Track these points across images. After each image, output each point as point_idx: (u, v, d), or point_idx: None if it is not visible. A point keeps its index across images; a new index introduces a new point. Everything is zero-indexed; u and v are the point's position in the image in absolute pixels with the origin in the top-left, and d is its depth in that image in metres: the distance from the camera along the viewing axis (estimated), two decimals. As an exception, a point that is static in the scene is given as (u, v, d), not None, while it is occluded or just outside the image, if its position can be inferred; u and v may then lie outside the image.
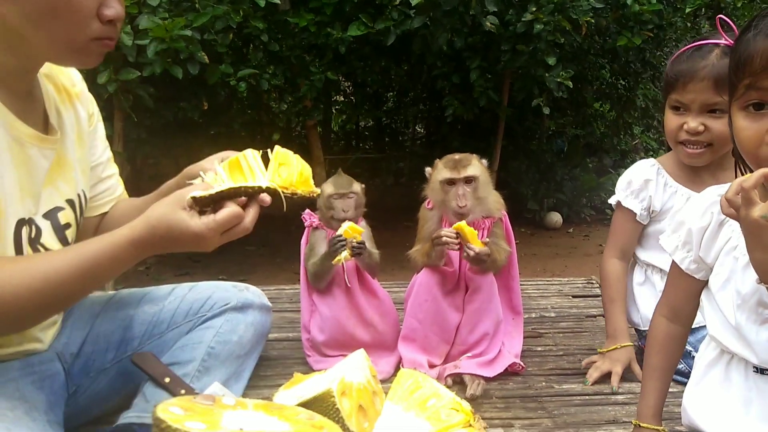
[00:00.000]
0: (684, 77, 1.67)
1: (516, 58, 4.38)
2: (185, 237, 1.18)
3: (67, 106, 1.41)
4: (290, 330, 2.11)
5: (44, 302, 1.16)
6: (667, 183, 1.83)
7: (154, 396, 1.40)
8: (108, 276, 1.23)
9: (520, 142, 6.42)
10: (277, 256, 5.08)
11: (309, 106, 4.76)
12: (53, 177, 1.32)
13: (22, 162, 1.23)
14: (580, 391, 1.73)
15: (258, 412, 1.16)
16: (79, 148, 1.42)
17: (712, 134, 1.68)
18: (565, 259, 5.28)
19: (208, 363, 1.51)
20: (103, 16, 1.18)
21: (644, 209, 1.83)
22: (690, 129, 1.69)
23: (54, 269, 1.14)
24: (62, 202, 1.34)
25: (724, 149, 1.72)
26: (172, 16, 3.49)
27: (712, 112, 1.67)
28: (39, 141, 1.27)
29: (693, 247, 1.26)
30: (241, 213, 1.21)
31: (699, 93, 1.66)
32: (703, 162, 1.76)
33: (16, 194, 1.22)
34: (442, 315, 1.79)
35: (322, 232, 1.85)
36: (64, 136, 1.36)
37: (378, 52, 5.02)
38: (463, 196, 1.71)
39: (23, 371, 1.31)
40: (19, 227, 1.22)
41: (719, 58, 1.64)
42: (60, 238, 1.33)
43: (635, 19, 4.70)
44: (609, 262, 1.87)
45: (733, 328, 1.18)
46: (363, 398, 1.35)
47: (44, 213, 1.30)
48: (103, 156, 1.56)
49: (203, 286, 1.66)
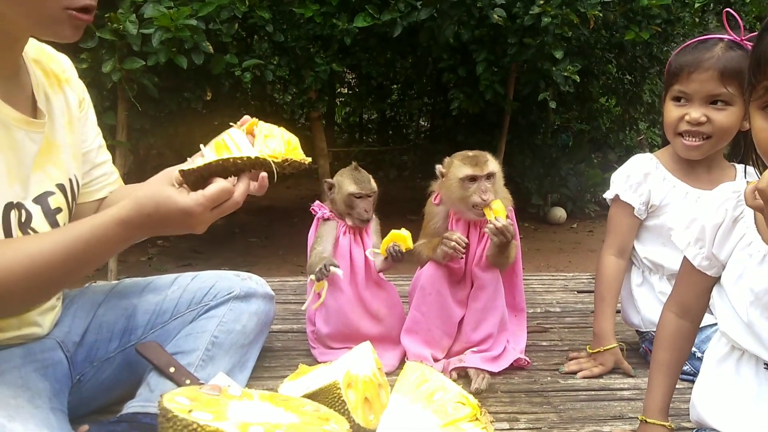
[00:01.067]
0: (689, 67, 1.68)
1: (523, 52, 4.35)
2: (173, 213, 1.16)
3: (56, 90, 1.40)
4: (294, 321, 2.11)
5: (31, 284, 1.15)
6: (666, 177, 1.82)
7: (159, 385, 1.40)
8: (97, 258, 1.22)
9: (525, 137, 6.40)
10: (279, 248, 5.08)
11: (313, 97, 4.74)
12: (42, 161, 1.31)
13: (8, 146, 1.22)
14: (586, 386, 1.72)
15: (264, 403, 1.16)
16: (69, 133, 1.41)
17: (713, 125, 1.68)
18: (569, 254, 5.28)
19: (212, 352, 1.50)
20: None
21: (642, 203, 1.82)
22: (692, 119, 1.69)
23: (39, 250, 1.14)
24: (52, 186, 1.33)
25: (722, 142, 1.74)
26: (177, 6, 3.47)
27: (714, 103, 1.68)
28: (26, 124, 1.26)
29: (706, 244, 1.25)
30: (231, 188, 1.18)
31: (703, 83, 1.66)
32: (700, 155, 1.75)
33: (3, 178, 1.21)
34: (446, 309, 1.79)
35: (332, 223, 1.84)
36: (52, 120, 1.35)
37: (383, 43, 4.99)
38: (485, 191, 1.70)
39: (25, 359, 1.30)
40: (8, 211, 1.21)
41: (724, 51, 1.66)
42: (51, 223, 1.32)
43: (643, 14, 4.68)
44: (606, 259, 1.85)
45: (746, 324, 1.17)
46: (369, 390, 1.34)
47: (34, 198, 1.29)
48: (95, 142, 1.55)
49: (206, 275, 1.65)
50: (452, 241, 1.70)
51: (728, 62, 1.64)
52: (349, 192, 1.78)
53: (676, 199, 1.79)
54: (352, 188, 1.79)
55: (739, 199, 1.21)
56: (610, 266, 1.83)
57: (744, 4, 5.63)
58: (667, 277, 1.81)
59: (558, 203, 6.27)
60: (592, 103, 6.59)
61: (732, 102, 1.67)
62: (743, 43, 1.67)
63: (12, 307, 1.23)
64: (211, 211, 1.18)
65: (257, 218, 5.54)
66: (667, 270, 1.81)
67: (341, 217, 1.83)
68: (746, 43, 1.66)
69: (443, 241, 1.73)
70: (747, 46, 1.66)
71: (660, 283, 1.82)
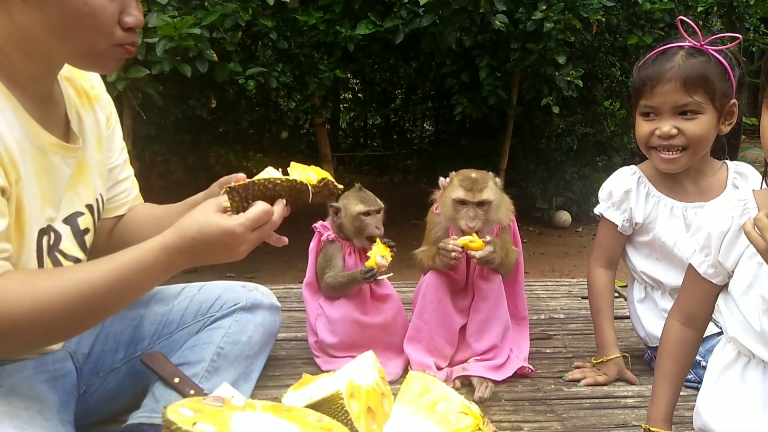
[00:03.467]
0: (651, 81, 1.65)
1: (526, 57, 4.35)
2: (216, 235, 1.17)
3: (87, 110, 1.41)
4: (298, 330, 2.11)
5: (77, 313, 1.14)
6: (650, 192, 1.79)
7: (164, 396, 1.41)
8: (141, 286, 1.21)
9: (529, 141, 6.39)
10: (285, 254, 5.07)
11: (317, 103, 4.75)
12: (74, 183, 1.33)
13: (44, 170, 1.23)
14: (590, 394, 1.72)
15: (267, 414, 1.16)
16: (98, 153, 1.43)
17: (685, 136, 1.65)
18: (574, 258, 5.26)
19: (217, 363, 1.51)
20: (123, 23, 1.20)
21: (626, 220, 1.80)
22: (663, 133, 1.65)
23: (86, 279, 1.14)
24: (82, 207, 1.35)
25: (700, 152, 1.69)
26: (181, 15, 3.49)
27: (684, 114, 1.64)
28: (62, 149, 1.27)
29: (712, 252, 1.25)
30: (271, 210, 1.23)
31: (668, 95, 1.63)
32: (679, 168, 1.71)
33: (38, 204, 1.22)
34: (447, 318, 1.79)
35: (337, 245, 1.85)
36: (84, 140, 1.37)
37: (386, 49, 5.00)
38: (473, 218, 1.70)
39: (37, 370, 1.31)
40: (41, 236, 1.23)
41: (685, 59, 1.63)
42: (79, 243, 1.34)
43: (646, 18, 4.66)
44: (595, 272, 1.85)
45: (757, 333, 1.17)
46: (372, 400, 1.35)
47: (64, 218, 1.30)
48: (120, 158, 1.56)
49: (212, 285, 1.66)
50: (449, 251, 1.70)
51: (690, 70, 1.61)
52: (357, 211, 1.79)
53: (662, 215, 1.76)
54: (359, 207, 1.79)
55: (745, 207, 1.20)
56: (600, 278, 1.84)
57: (748, 6, 5.61)
58: (669, 292, 1.80)
59: (563, 207, 6.25)
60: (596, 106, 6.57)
61: (701, 110, 1.63)
62: (704, 49, 1.64)
63: (58, 336, 1.24)
64: (252, 232, 1.20)
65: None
66: (667, 286, 1.79)
67: (347, 239, 1.83)
68: (707, 48, 1.64)
69: (440, 252, 1.73)
70: (708, 51, 1.63)
71: (662, 300, 1.81)
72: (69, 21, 1.14)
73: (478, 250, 1.68)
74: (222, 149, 5.04)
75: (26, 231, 1.19)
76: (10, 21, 1.15)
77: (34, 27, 1.15)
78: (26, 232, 1.19)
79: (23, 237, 1.19)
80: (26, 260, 1.20)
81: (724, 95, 1.63)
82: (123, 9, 1.20)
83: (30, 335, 1.12)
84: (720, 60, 1.63)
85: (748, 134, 6.34)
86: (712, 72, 1.62)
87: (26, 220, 1.19)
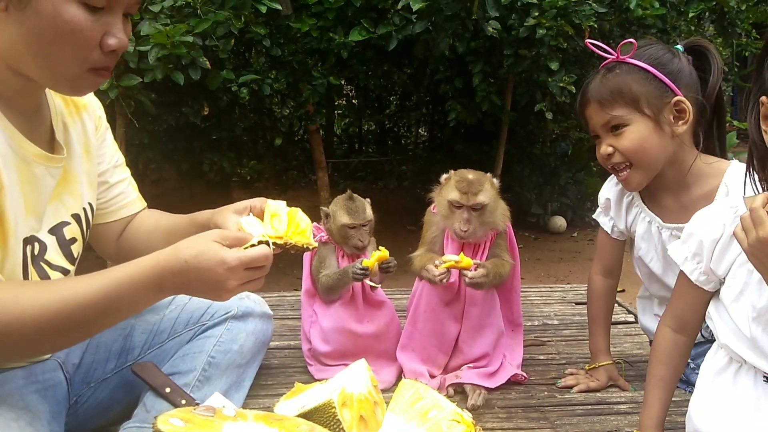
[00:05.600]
0: (581, 107, 1.66)
1: (519, 63, 4.36)
2: (211, 262, 1.12)
3: (74, 119, 1.39)
4: (291, 338, 2.10)
5: (63, 327, 1.11)
6: (634, 202, 1.74)
7: (155, 406, 1.40)
8: (130, 304, 1.17)
9: (524, 146, 6.41)
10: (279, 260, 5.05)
11: (311, 110, 4.76)
12: (59, 192, 1.31)
13: (27, 180, 1.22)
14: (583, 401, 1.72)
15: (258, 424, 1.16)
16: (86, 161, 1.41)
17: (621, 153, 1.59)
18: (569, 263, 5.27)
19: (209, 372, 1.51)
20: (105, 46, 1.14)
21: (614, 227, 1.80)
22: (601, 156, 1.63)
23: (74, 292, 1.11)
24: (68, 216, 1.33)
25: (649, 164, 1.60)
26: (173, 23, 3.49)
27: (615, 129, 1.60)
28: (46, 160, 1.25)
29: (704, 259, 1.25)
30: (270, 256, 1.19)
31: (592, 117, 1.63)
32: (636, 186, 1.65)
33: (21, 214, 1.20)
34: (440, 325, 1.78)
35: (330, 246, 1.85)
36: (70, 150, 1.34)
37: (380, 56, 5.02)
38: (467, 221, 1.68)
39: (27, 380, 1.30)
40: (25, 245, 1.21)
41: (602, 77, 1.61)
42: (65, 254, 1.32)
43: (638, 24, 4.68)
44: (593, 279, 1.85)
45: (749, 339, 1.17)
46: (364, 409, 1.34)
47: (50, 228, 1.29)
48: (112, 160, 1.54)
49: None
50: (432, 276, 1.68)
51: (601, 88, 1.59)
52: (342, 223, 1.78)
53: (642, 230, 1.72)
54: (345, 219, 1.78)
55: (737, 214, 1.21)
56: (597, 286, 1.84)
57: (740, 12, 5.65)
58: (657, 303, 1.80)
59: (558, 212, 6.26)
60: (590, 111, 6.59)
61: (626, 122, 1.57)
62: (623, 60, 1.60)
63: (43, 349, 1.22)
64: (245, 270, 1.16)
65: (257, 231, 5.55)
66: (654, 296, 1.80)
67: (338, 241, 1.84)
68: (623, 58, 1.60)
69: (426, 268, 1.71)
70: (624, 60, 1.60)
71: (658, 308, 1.80)
72: (47, 38, 1.09)
73: (467, 268, 1.67)
74: (216, 156, 5.04)
75: (10, 239, 1.18)
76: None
77: (15, 40, 1.11)
78: (10, 240, 1.18)
79: (7, 245, 1.17)
80: (11, 268, 1.19)
81: (653, 97, 1.56)
82: (107, 30, 1.13)
83: (14, 345, 1.11)
84: (638, 65, 1.58)
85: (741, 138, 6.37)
86: (629, 80, 1.57)
87: (10, 228, 1.17)
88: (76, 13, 1.09)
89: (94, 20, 1.11)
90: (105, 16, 1.12)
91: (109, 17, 1.13)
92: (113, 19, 1.14)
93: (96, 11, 1.11)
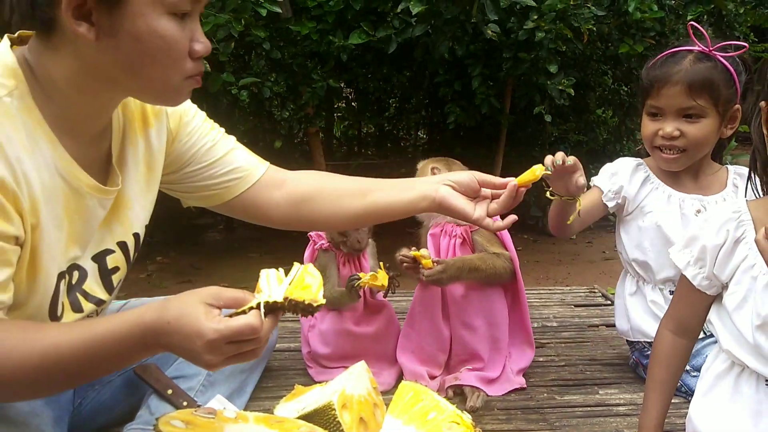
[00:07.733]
0: (659, 82, 1.69)
1: (518, 66, 4.38)
2: (188, 330, 1.01)
3: (137, 137, 1.32)
4: (291, 340, 2.11)
5: (40, 379, 1.05)
6: (649, 179, 1.83)
7: (159, 408, 1.40)
8: (112, 359, 1.08)
9: (523, 149, 6.41)
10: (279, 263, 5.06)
11: (311, 113, 4.76)
12: (108, 220, 1.28)
13: (76, 211, 1.18)
14: (582, 403, 1.72)
15: (259, 426, 1.17)
16: (144, 180, 1.34)
17: (687, 139, 1.69)
18: (569, 266, 5.27)
19: (213, 377, 1.51)
20: (194, 53, 1.13)
21: (613, 192, 1.83)
22: (665, 134, 1.70)
23: (54, 344, 1.04)
24: (113, 244, 1.30)
25: (699, 154, 1.74)
26: (174, 26, 3.50)
27: (688, 117, 1.68)
28: (99, 192, 1.22)
29: (707, 264, 1.25)
30: (258, 325, 1.02)
31: (673, 97, 1.67)
32: (679, 167, 1.77)
33: (61, 246, 1.17)
34: (436, 325, 1.79)
35: (331, 254, 1.85)
36: (126, 174, 1.29)
37: (380, 59, 5.02)
38: None
39: None
40: (59, 279, 1.18)
41: (692, 63, 1.67)
42: (105, 284, 1.29)
43: (637, 27, 4.70)
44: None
45: (751, 346, 1.18)
46: (364, 411, 1.35)
47: (93, 255, 1.26)
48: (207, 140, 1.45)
49: None
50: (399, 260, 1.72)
51: (696, 75, 1.65)
52: None
53: (660, 202, 1.80)
54: None
55: (740, 219, 1.21)
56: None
57: (738, 14, 5.66)
58: (658, 286, 1.81)
59: (557, 214, 6.26)
60: (589, 114, 6.60)
61: (704, 114, 1.67)
62: (712, 54, 1.67)
63: (14, 396, 1.15)
64: (228, 344, 1.01)
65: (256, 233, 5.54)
66: (656, 276, 1.80)
67: (338, 247, 1.84)
68: (715, 54, 1.67)
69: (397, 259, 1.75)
70: (716, 56, 1.67)
71: (652, 293, 1.82)
72: (146, 58, 1.08)
73: (427, 267, 1.68)
74: (216, 159, 5.03)
75: (39, 276, 1.13)
76: (76, 60, 1.08)
77: (107, 66, 1.09)
78: (39, 276, 1.13)
79: (36, 281, 1.13)
80: (38, 304, 1.15)
81: (728, 101, 1.68)
82: (192, 37, 1.12)
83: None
84: (726, 66, 1.67)
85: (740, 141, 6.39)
86: (718, 78, 1.66)
87: (41, 265, 1.13)
88: (168, 25, 1.08)
89: (182, 29, 1.10)
90: (189, 23, 1.12)
91: (191, 23, 1.13)
92: (195, 25, 1.14)
93: (183, 19, 1.10)
